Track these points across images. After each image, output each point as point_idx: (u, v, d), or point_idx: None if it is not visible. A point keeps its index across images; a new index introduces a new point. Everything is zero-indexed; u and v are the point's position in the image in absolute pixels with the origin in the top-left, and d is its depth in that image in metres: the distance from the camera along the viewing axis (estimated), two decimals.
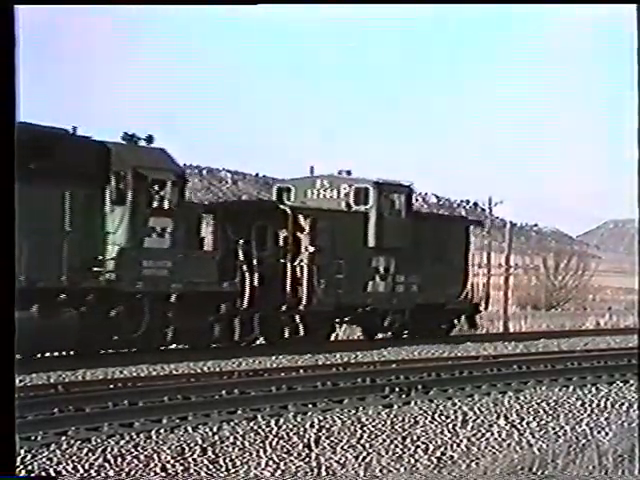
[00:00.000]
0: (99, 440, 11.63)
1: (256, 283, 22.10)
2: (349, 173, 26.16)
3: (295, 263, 23.48)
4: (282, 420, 13.28)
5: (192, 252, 20.98)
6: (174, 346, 21.50)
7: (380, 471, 10.70)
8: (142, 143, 20.40)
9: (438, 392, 16.22)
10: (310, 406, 14.45)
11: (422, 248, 26.18)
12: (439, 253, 26.96)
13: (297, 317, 23.60)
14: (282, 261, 23.31)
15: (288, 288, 23.30)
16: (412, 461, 11.24)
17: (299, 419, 13.44)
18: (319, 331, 24.29)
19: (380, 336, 26.76)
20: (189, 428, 12.52)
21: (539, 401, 15.74)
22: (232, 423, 12.91)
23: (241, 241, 22.07)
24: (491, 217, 54.31)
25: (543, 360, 21.15)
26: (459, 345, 25.59)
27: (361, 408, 14.49)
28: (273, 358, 20.88)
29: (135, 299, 19.86)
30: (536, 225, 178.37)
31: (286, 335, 23.52)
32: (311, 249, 23.50)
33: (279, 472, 10.55)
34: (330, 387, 16.29)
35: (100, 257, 19.31)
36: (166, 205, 20.30)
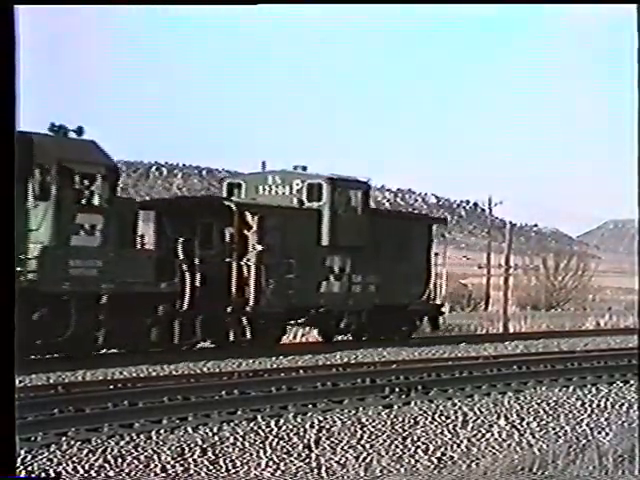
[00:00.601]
0: (99, 441, 11.63)
1: (198, 283, 20.99)
2: (304, 169, 25.13)
3: (242, 262, 22.43)
4: (282, 421, 13.27)
5: (126, 251, 19.84)
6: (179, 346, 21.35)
7: (380, 471, 10.69)
8: (72, 135, 19.34)
9: (438, 392, 16.22)
10: (310, 407, 14.44)
11: (381, 247, 25.33)
12: (400, 252, 26.02)
13: (244, 319, 22.40)
14: (228, 260, 22.29)
15: (234, 289, 22.25)
16: (412, 461, 11.23)
17: (299, 420, 13.44)
18: (269, 333, 23.20)
19: (340, 338, 25.97)
20: (189, 429, 12.51)
21: (539, 401, 15.73)
22: (232, 424, 12.91)
23: (181, 239, 20.95)
24: (491, 217, 54.39)
25: (543, 360, 21.14)
26: (459, 345, 25.60)
27: (361, 408, 14.48)
28: (273, 359, 20.88)
29: (61, 301, 18.69)
30: (536, 225, 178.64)
31: (231, 338, 22.34)
32: (259, 248, 22.46)
33: (279, 473, 10.54)
34: (330, 387, 16.29)
35: (21, 256, 17.91)
36: (96, 201, 19.20)
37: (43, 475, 10.10)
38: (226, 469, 10.61)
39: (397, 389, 16.08)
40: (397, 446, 11.94)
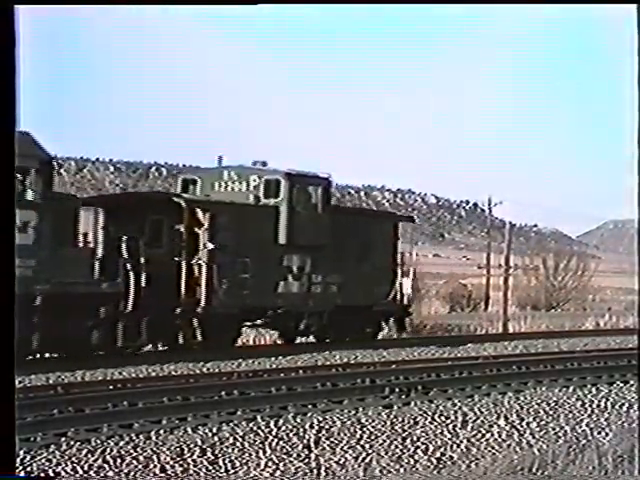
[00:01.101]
0: (98, 441, 11.63)
1: (144, 283, 19.81)
2: (264, 164, 23.95)
3: (193, 262, 21.34)
4: (282, 421, 13.26)
5: (64, 249, 18.86)
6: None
7: (380, 472, 10.69)
8: None
9: (438, 393, 16.21)
10: (310, 407, 14.43)
11: (343, 245, 24.30)
12: (363, 251, 25.00)
13: (195, 320, 21.32)
14: (177, 259, 21.16)
15: (183, 289, 21.08)
16: (412, 462, 11.23)
17: (299, 420, 13.43)
18: (223, 335, 22.16)
19: (304, 340, 25.18)
20: (188, 429, 12.51)
21: (539, 402, 15.72)
22: (232, 424, 12.91)
23: (125, 237, 19.85)
24: (491, 217, 54.41)
25: (543, 360, 21.14)
26: (459, 345, 25.57)
27: (361, 409, 14.47)
28: (272, 359, 20.87)
29: None
30: (536, 225, 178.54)
31: (181, 340, 21.31)
32: (210, 246, 21.41)
33: (279, 473, 10.54)
34: (330, 388, 16.29)
35: None
36: (29, 196, 18.15)
37: (42, 475, 10.10)
38: (225, 469, 10.61)
39: (397, 389, 16.07)
40: (397, 446, 11.93)
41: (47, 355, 19.43)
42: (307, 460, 11.05)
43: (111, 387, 15.87)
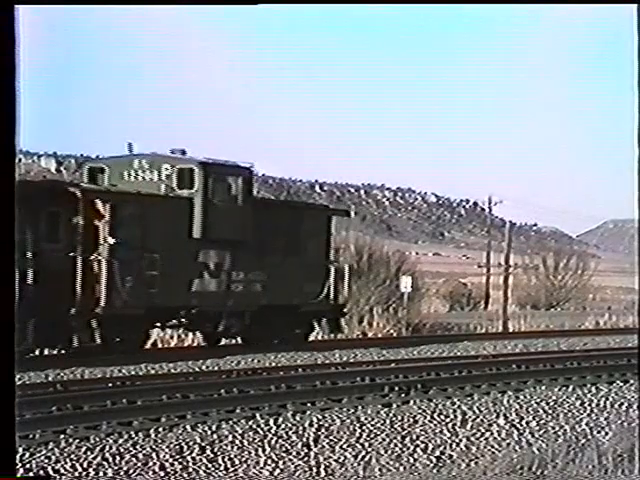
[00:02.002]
0: (97, 439, 11.63)
1: (30, 281, 18.17)
2: (184, 153, 22.00)
3: (92, 257, 19.41)
4: (281, 419, 13.26)
5: None
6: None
7: (379, 470, 10.68)
8: None
9: (437, 391, 16.20)
10: (309, 405, 14.42)
11: (268, 240, 22.47)
12: (291, 246, 23.19)
13: (94, 322, 19.29)
14: (73, 255, 19.20)
15: (80, 288, 19.10)
16: (411, 460, 11.22)
17: (298, 418, 13.43)
18: (127, 338, 20.21)
19: (233, 342, 23.49)
20: (188, 427, 12.50)
21: (538, 401, 15.72)
22: (231, 422, 12.90)
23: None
24: (491, 216, 54.46)
25: (542, 360, 21.12)
26: (458, 344, 25.58)
27: (360, 407, 14.47)
28: (272, 357, 20.86)
29: None
30: (536, 225, 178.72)
31: (76, 343, 19.17)
32: (111, 240, 19.52)
33: (278, 471, 10.53)
34: (329, 386, 16.27)
35: None
36: None
37: (41, 473, 10.09)
38: (225, 467, 10.60)
39: (396, 388, 16.05)
40: (396, 445, 11.93)
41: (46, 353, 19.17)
42: (306, 458, 11.04)
43: (110, 385, 15.86)
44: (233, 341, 23.54)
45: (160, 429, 12.32)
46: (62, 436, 11.58)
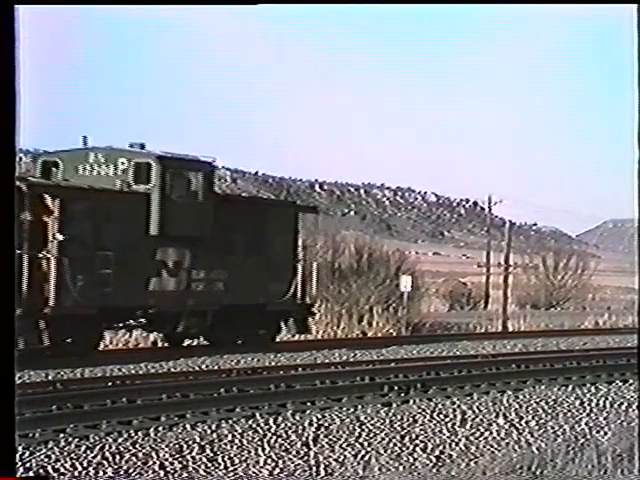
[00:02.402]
0: (97, 438, 11.63)
1: None
2: (143, 147, 21.11)
3: (40, 255, 18.66)
4: (280, 418, 13.27)
5: None
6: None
7: (379, 470, 10.68)
8: None
9: (437, 391, 16.21)
10: (309, 404, 14.42)
11: (231, 238, 21.82)
12: (255, 244, 22.56)
13: (42, 323, 18.50)
14: (19, 252, 18.16)
15: (26, 287, 18.22)
16: (411, 460, 11.22)
17: (298, 417, 13.44)
18: (79, 339, 19.41)
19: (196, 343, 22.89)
20: (187, 426, 12.51)
21: (538, 400, 15.72)
22: (231, 421, 12.91)
23: None
24: (490, 216, 54.47)
25: (542, 359, 21.12)
26: (458, 344, 25.58)
27: (360, 407, 14.47)
28: (272, 356, 20.87)
29: None
30: (535, 224, 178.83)
31: (21, 346, 17.71)
32: (60, 237, 18.76)
33: (277, 470, 10.54)
34: (329, 385, 16.28)
35: None
36: None
37: (41, 472, 10.09)
38: (224, 467, 10.60)
39: (396, 387, 16.06)
40: (396, 444, 11.93)
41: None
42: (306, 458, 11.04)
43: (110, 384, 15.86)
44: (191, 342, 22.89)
45: (160, 428, 12.33)
46: (62, 435, 11.59)
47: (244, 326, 22.53)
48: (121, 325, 21.45)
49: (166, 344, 22.77)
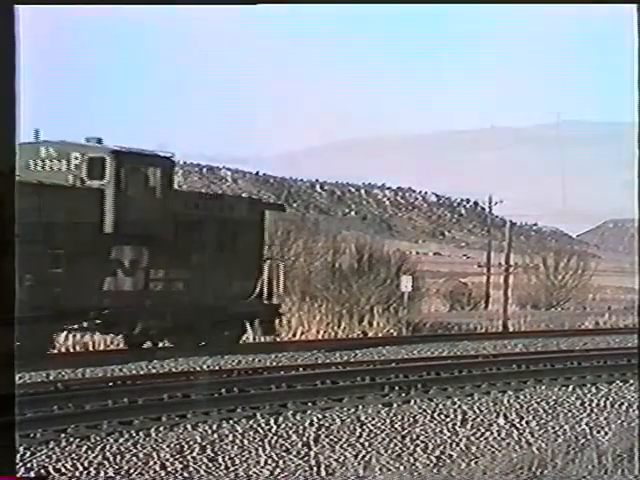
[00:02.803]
0: (98, 438, 11.65)
1: None
2: (100, 142, 20.40)
3: None
4: (281, 418, 13.28)
5: None
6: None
7: (379, 470, 10.69)
8: None
9: (438, 391, 16.21)
10: (309, 404, 14.43)
11: (192, 236, 21.06)
12: (219, 243, 21.79)
13: None
14: None
15: None
16: (411, 460, 11.23)
17: (298, 417, 13.45)
18: (28, 342, 17.66)
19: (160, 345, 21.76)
20: (188, 426, 12.52)
21: (538, 400, 15.73)
22: (231, 421, 12.92)
23: None
24: (491, 216, 54.46)
25: (543, 359, 21.11)
26: (458, 344, 25.57)
27: (360, 407, 14.48)
28: (272, 356, 20.86)
29: None
30: (536, 224, 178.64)
31: None
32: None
33: (278, 470, 10.55)
34: (329, 386, 16.29)
35: None
36: None
37: (42, 472, 10.10)
38: (225, 467, 10.62)
39: (396, 387, 16.07)
40: (396, 444, 11.94)
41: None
42: (306, 458, 11.05)
43: (111, 384, 15.87)
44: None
45: (161, 428, 12.34)
46: (63, 435, 11.60)
47: (207, 327, 21.67)
48: (75, 327, 20.70)
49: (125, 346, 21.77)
